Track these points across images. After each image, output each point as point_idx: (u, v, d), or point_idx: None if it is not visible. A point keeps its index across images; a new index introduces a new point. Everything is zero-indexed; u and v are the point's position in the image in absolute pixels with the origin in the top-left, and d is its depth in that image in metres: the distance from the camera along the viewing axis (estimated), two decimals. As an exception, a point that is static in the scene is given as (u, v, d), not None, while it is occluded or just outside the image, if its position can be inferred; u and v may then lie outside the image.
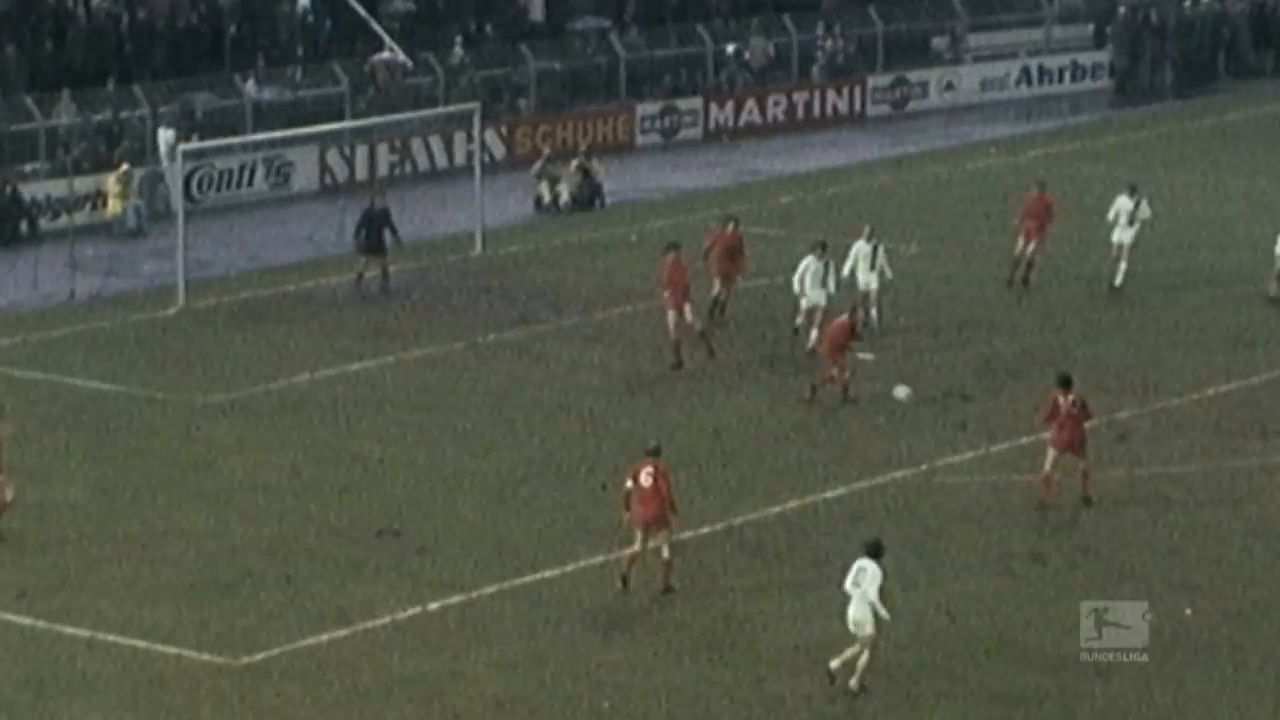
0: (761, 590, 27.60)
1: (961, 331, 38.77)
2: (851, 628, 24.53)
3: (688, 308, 36.37)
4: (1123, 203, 41.21)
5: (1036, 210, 41.42)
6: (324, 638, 26.25)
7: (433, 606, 27.12)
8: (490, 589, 27.65)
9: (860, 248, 38.27)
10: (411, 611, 27.00)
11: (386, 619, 26.78)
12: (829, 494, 30.78)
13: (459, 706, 24.60)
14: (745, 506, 30.17)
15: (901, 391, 30.19)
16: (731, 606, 27.10)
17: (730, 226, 39.28)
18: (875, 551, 24.69)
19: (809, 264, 37.02)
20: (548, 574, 28.08)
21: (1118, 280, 40.79)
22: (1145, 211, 41.18)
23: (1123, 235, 40.94)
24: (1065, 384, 30.26)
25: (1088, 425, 30.18)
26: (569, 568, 28.30)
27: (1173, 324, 39.26)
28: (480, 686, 25.05)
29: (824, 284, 36.91)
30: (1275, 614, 26.91)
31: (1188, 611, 26.73)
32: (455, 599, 27.34)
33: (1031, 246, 41.17)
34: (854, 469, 31.69)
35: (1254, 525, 29.69)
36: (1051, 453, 30.00)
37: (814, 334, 36.44)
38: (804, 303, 37.00)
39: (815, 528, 29.65)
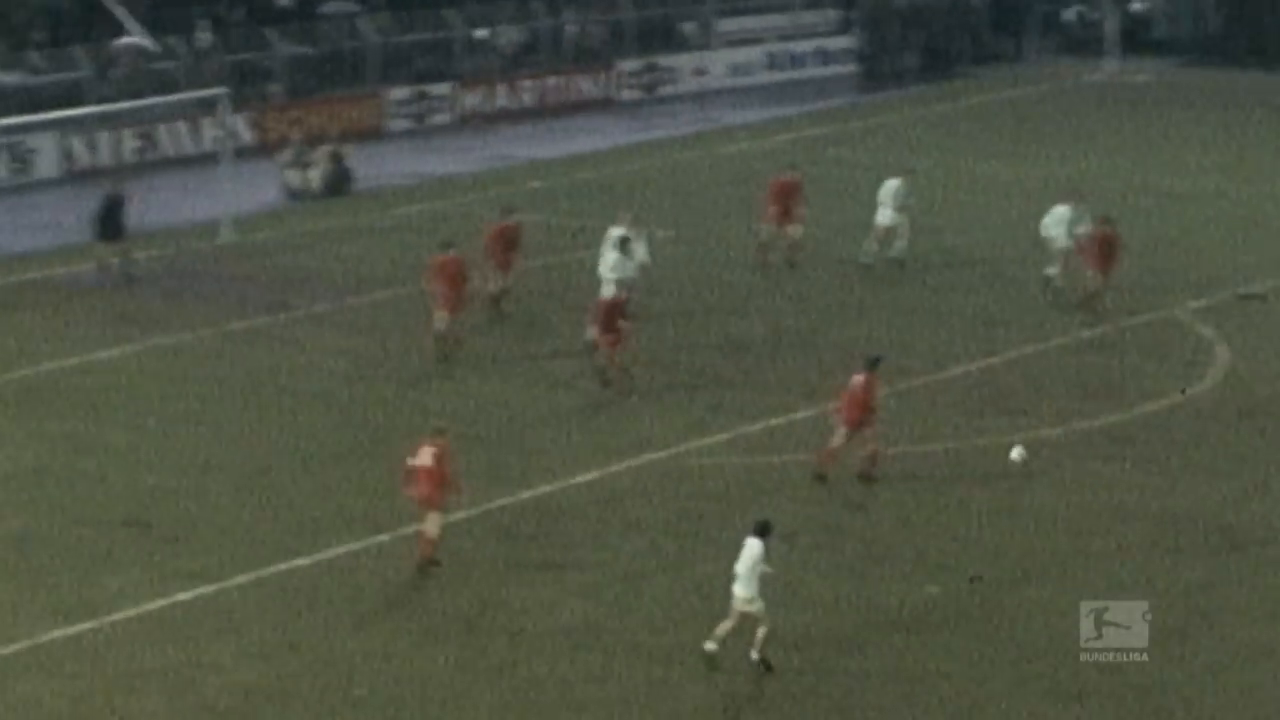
0: (516, 574, 27.62)
1: (713, 314, 39.08)
2: (738, 605, 24.73)
3: (451, 316, 35.89)
4: (893, 185, 41.75)
5: (784, 192, 41.86)
6: (70, 630, 25.81)
7: (182, 597, 26.79)
8: (241, 578, 27.37)
9: (613, 233, 38.27)
10: (160, 602, 26.64)
11: (135, 610, 26.40)
12: (582, 477, 30.87)
13: (210, 697, 24.32)
14: (499, 491, 30.15)
15: (1017, 453, 30.60)
16: (487, 591, 27.09)
17: (508, 219, 39.07)
18: (761, 530, 25.09)
19: (615, 260, 36.71)
20: (299, 562, 27.87)
21: (893, 254, 41.33)
22: (910, 197, 41.83)
23: (892, 218, 41.43)
24: (868, 365, 30.77)
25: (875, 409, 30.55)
26: (320, 556, 28.09)
27: (918, 305, 39.90)
28: (231, 676, 24.79)
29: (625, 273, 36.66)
30: (1019, 588, 27.45)
31: (934, 589, 27.19)
32: (206, 589, 27.03)
33: (792, 229, 41.54)
34: (607, 452, 31.82)
35: (998, 502, 30.25)
36: (840, 428, 30.45)
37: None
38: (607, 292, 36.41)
39: (569, 511, 29.73)
